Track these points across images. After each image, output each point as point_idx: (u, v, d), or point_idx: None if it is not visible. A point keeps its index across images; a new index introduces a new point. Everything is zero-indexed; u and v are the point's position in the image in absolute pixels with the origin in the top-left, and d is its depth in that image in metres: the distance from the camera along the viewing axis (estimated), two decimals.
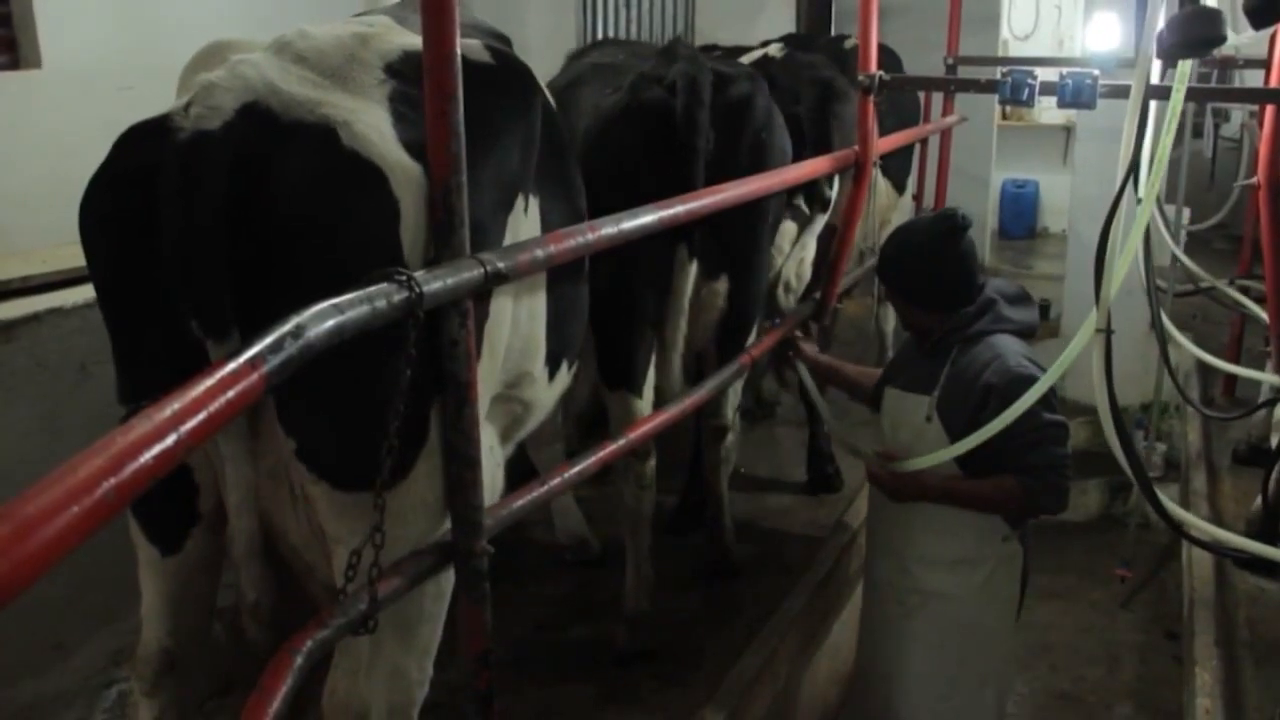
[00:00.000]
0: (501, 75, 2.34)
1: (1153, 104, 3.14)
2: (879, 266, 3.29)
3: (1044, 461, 3.01)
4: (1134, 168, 2.90)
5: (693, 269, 3.43)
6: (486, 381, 2.25)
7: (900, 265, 3.28)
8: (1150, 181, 2.99)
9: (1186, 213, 6.85)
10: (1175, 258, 5.47)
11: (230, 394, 1.28)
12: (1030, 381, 2.96)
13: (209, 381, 1.27)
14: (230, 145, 1.83)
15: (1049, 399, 2.98)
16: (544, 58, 4.50)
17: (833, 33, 7.61)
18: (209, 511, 2.14)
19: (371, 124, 1.96)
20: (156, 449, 1.12)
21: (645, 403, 3.52)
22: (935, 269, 3.18)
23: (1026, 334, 3.23)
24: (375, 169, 1.91)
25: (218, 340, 1.85)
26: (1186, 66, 3.02)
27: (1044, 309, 7.47)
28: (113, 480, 1.05)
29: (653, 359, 3.54)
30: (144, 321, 1.99)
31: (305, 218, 1.87)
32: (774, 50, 5.22)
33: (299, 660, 1.81)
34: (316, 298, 1.62)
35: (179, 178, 1.81)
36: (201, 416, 1.21)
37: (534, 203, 2.46)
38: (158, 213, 1.82)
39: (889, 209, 5.83)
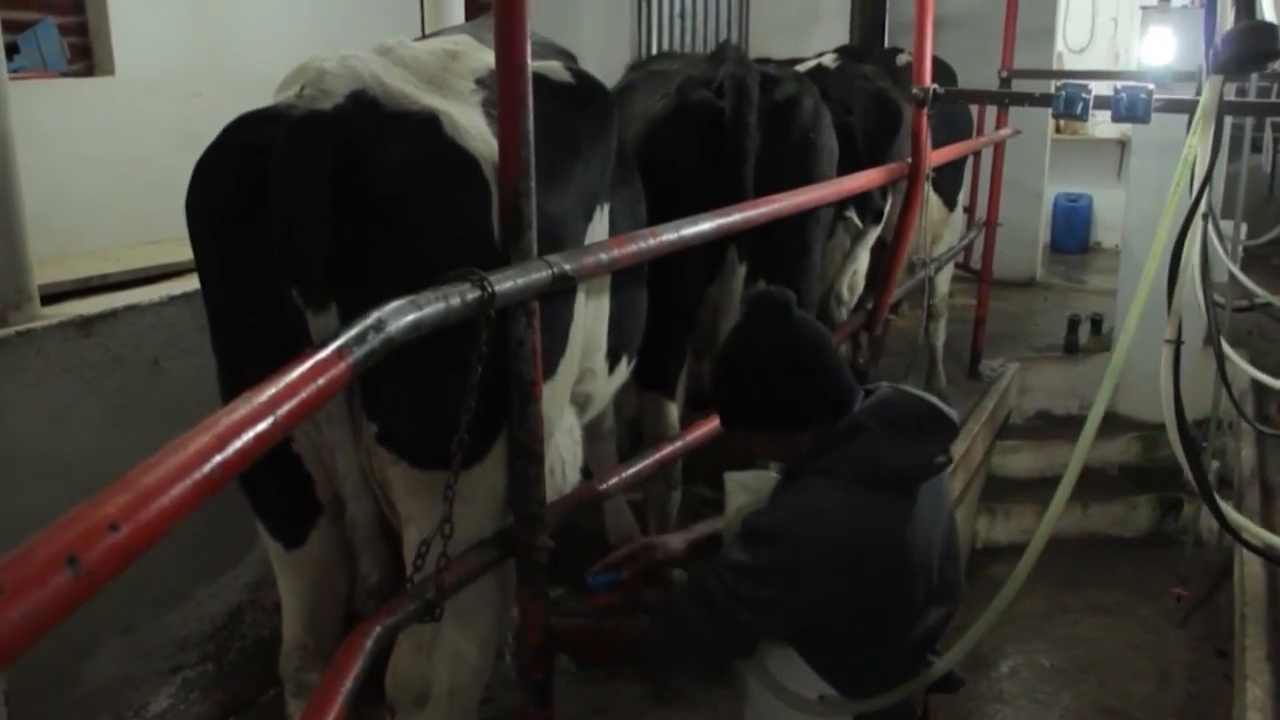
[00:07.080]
0: (582, 93, 2.49)
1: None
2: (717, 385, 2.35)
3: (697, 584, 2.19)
4: (1207, 180, 2.86)
5: (742, 270, 3.46)
6: (568, 373, 2.43)
7: (728, 385, 2.30)
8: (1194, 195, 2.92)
9: (1244, 228, 6.79)
10: (1232, 274, 5.45)
11: (321, 381, 1.37)
12: (776, 551, 2.10)
13: (301, 369, 1.36)
14: (339, 125, 1.95)
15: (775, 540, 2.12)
16: (598, 67, 4.56)
17: (886, 45, 7.63)
18: (329, 503, 2.24)
19: (468, 119, 2.10)
20: (257, 429, 1.20)
21: (677, 405, 3.56)
22: (763, 373, 2.22)
23: (891, 482, 2.13)
24: (471, 157, 2.05)
25: (317, 311, 1.96)
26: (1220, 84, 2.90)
27: (1096, 324, 7.46)
28: (219, 457, 1.13)
29: (686, 362, 3.57)
30: (246, 300, 2.09)
31: (406, 197, 1.99)
32: (828, 60, 5.27)
33: (369, 643, 1.90)
34: (412, 275, 1.77)
35: (290, 152, 1.92)
36: (295, 401, 1.30)
37: (608, 211, 2.60)
38: (265, 188, 1.93)
39: (940, 224, 5.84)
